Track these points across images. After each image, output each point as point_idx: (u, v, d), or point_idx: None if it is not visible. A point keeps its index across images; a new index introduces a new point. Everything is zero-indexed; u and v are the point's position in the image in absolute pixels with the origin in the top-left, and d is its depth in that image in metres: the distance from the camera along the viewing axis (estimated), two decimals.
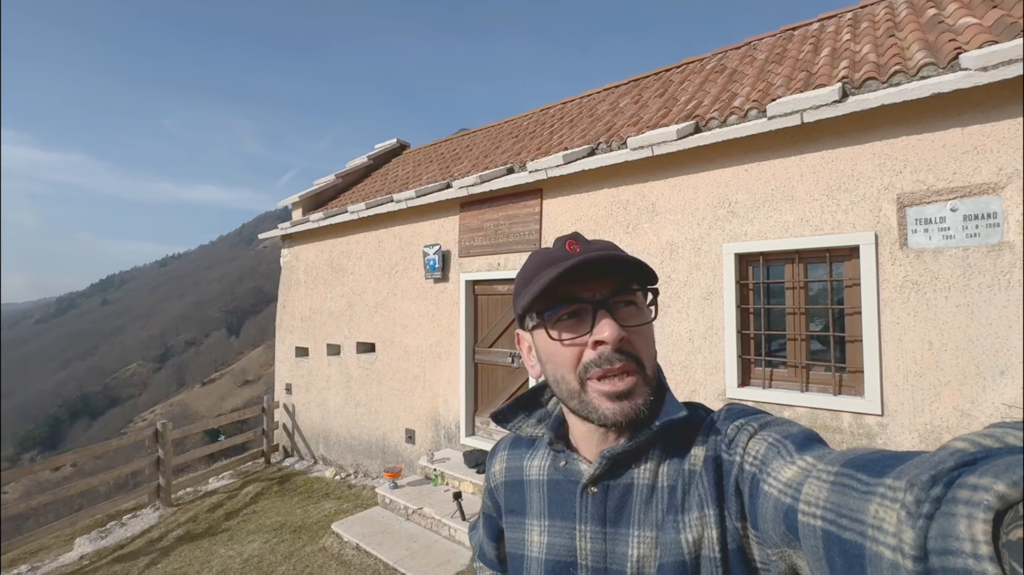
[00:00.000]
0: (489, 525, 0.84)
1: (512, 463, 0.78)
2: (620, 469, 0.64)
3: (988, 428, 0.36)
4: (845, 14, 5.11)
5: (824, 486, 0.43)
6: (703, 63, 5.86)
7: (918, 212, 3.13)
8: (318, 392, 7.47)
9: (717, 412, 0.65)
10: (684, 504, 0.59)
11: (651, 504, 0.62)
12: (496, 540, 0.83)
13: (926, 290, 3.09)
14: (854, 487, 0.40)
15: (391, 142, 9.80)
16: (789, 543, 0.47)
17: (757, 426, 0.58)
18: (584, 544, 0.64)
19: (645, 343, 0.62)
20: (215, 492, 6.51)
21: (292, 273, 8.14)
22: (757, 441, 0.56)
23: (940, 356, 3.03)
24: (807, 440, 0.53)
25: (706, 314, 3.90)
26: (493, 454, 0.84)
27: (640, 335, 0.62)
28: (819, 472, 0.45)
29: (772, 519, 0.49)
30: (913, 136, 3.14)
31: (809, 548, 0.43)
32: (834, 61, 3.96)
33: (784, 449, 0.52)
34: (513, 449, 0.80)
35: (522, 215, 5.14)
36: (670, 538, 0.59)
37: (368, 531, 4.61)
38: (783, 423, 0.58)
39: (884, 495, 0.37)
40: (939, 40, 3.36)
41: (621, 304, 0.62)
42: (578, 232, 0.68)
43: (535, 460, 0.75)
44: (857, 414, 3.29)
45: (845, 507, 0.40)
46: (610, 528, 0.63)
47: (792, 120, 3.39)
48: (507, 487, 0.78)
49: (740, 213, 3.79)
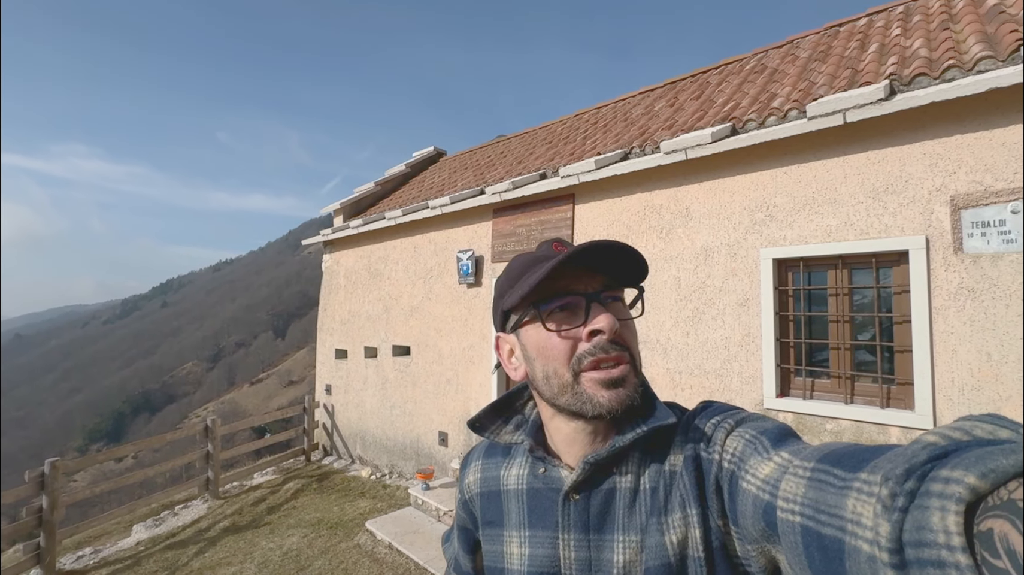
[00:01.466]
0: (464, 537, 0.81)
1: (488, 473, 0.76)
2: (601, 474, 0.63)
3: (957, 422, 0.37)
4: (896, 7, 4.86)
5: (801, 482, 0.44)
6: (742, 63, 5.71)
7: (974, 215, 2.94)
8: (356, 393, 7.70)
9: (693, 410, 0.65)
10: (667, 505, 0.59)
11: (634, 508, 0.61)
12: (472, 553, 0.80)
13: (983, 298, 2.89)
14: (831, 483, 0.41)
15: (428, 150, 10.02)
16: (768, 539, 0.48)
17: (733, 423, 0.58)
18: (568, 553, 0.62)
19: (634, 338, 0.64)
20: (259, 487, 6.80)
21: (333, 278, 8.44)
22: (734, 438, 0.56)
23: (1000, 369, 2.83)
24: (782, 435, 0.53)
25: (742, 321, 3.78)
26: (466, 463, 0.81)
27: (628, 329, 0.64)
28: (796, 468, 0.46)
29: (751, 516, 0.49)
30: (968, 134, 2.96)
31: (788, 544, 0.44)
32: (882, 57, 3.78)
33: (760, 445, 0.52)
34: (488, 458, 0.77)
35: (554, 220, 5.15)
36: (655, 540, 0.58)
37: (400, 530, 4.70)
38: (758, 419, 0.58)
39: (860, 490, 0.37)
40: (999, 31, 3.16)
41: (610, 299, 0.63)
42: (561, 237, 0.70)
43: (512, 469, 0.72)
44: (906, 429, 3.10)
45: (823, 503, 0.40)
46: (594, 535, 0.62)
47: (834, 120, 3.26)
48: (483, 498, 0.75)
49: (779, 217, 3.66)
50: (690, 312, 4.05)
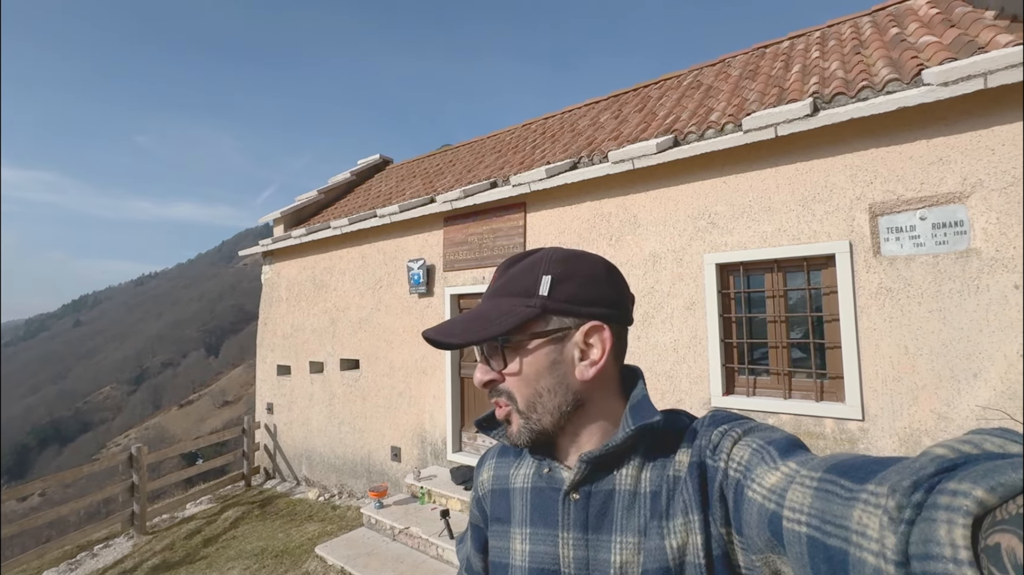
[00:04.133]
0: (476, 536, 0.83)
1: (499, 471, 0.78)
2: (602, 475, 0.64)
3: (967, 434, 0.37)
4: (813, 33, 5.31)
5: (808, 492, 0.44)
6: (680, 79, 6.02)
7: (889, 221, 3.23)
8: (300, 411, 7.31)
9: (701, 418, 0.66)
10: (668, 510, 0.60)
11: (633, 510, 0.62)
12: (483, 552, 0.81)
13: (900, 296, 3.17)
14: (837, 493, 0.41)
15: (374, 158, 9.79)
16: (773, 549, 0.48)
17: (741, 432, 0.59)
18: (567, 552, 0.64)
19: (521, 383, 0.67)
20: (193, 518, 6.29)
21: (273, 290, 8.02)
22: (741, 447, 0.56)
23: (916, 361, 3.11)
24: (790, 446, 0.53)
25: (689, 324, 3.95)
26: (481, 463, 0.84)
27: (514, 377, 0.67)
28: (802, 478, 0.46)
29: (756, 525, 0.49)
30: (882, 148, 3.26)
31: (793, 554, 0.44)
32: (804, 77, 4.11)
33: (768, 455, 0.52)
34: (501, 457, 0.80)
35: (506, 229, 5.16)
36: (654, 544, 0.59)
37: (353, 553, 4.49)
38: (767, 429, 0.59)
39: (867, 501, 0.37)
40: (902, 57, 3.51)
41: (488, 356, 0.70)
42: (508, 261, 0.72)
43: (521, 468, 0.75)
44: (839, 419, 3.34)
45: (829, 513, 0.40)
46: (592, 535, 0.63)
47: (767, 134, 3.50)
48: (493, 495, 0.78)
49: (720, 224, 3.86)
50: (640, 316, 4.17)
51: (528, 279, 0.66)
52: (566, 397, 0.65)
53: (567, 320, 0.65)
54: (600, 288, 0.66)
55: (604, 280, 0.66)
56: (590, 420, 0.67)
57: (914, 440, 3.10)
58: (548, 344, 0.65)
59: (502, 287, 0.68)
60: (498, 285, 0.68)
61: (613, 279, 0.68)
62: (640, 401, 0.65)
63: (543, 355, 0.65)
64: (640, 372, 0.71)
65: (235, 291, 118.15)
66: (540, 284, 0.65)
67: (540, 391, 0.65)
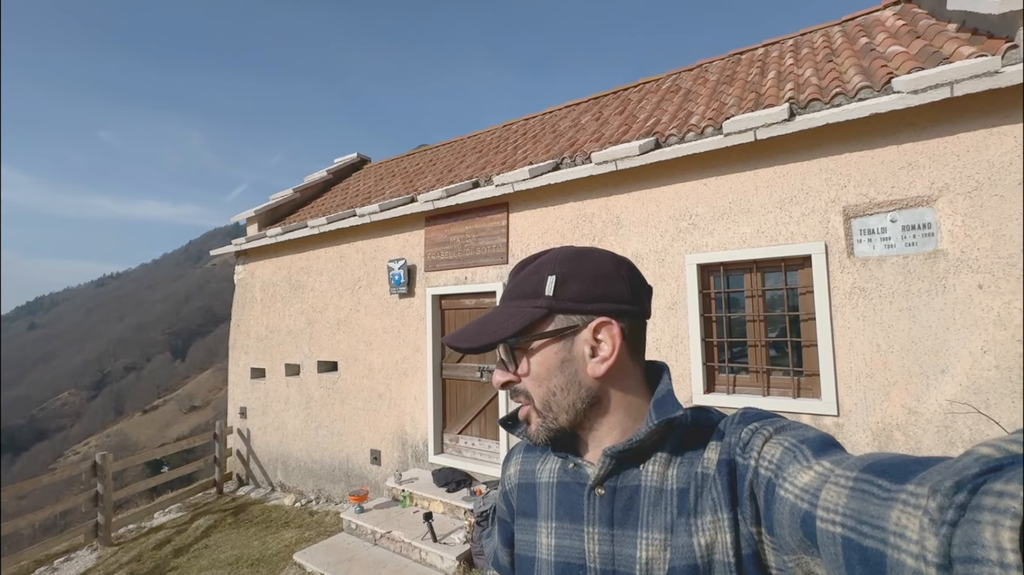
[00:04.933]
0: (503, 530, 0.83)
1: (526, 466, 0.80)
2: (627, 471, 0.65)
3: (1014, 433, 0.35)
4: (787, 40, 5.48)
5: (843, 492, 0.43)
6: (659, 83, 6.11)
7: (862, 223, 3.35)
8: (276, 415, 7.12)
9: (731, 415, 0.66)
10: (697, 507, 0.59)
11: (659, 506, 0.62)
12: (509, 546, 0.82)
13: (872, 296, 3.29)
14: (875, 494, 0.40)
15: (351, 156, 9.64)
16: (807, 550, 0.47)
17: (772, 430, 0.58)
18: (592, 546, 0.65)
19: (536, 382, 0.68)
20: (162, 527, 6.05)
21: (247, 291, 7.80)
22: (772, 445, 0.56)
23: (887, 358, 3.23)
24: (824, 444, 0.53)
25: (671, 323, 4.01)
26: (509, 457, 0.85)
27: (529, 378, 0.68)
28: (837, 477, 0.45)
29: (788, 525, 0.48)
30: (855, 153, 3.38)
31: (828, 555, 0.43)
32: (780, 83, 4.22)
33: (800, 454, 0.52)
34: (528, 452, 0.81)
35: (489, 229, 5.14)
36: (682, 541, 0.58)
37: (333, 559, 4.39)
38: (799, 427, 0.58)
39: (906, 502, 0.36)
40: (872, 65, 3.65)
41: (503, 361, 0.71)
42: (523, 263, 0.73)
43: (547, 463, 0.76)
44: (816, 415, 3.44)
45: (866, 514, 0.40)
46: (617, 530, 0.63)
47: (746, 137, 3.58)
48: (520, 489, 0.79)
49: (701, 225, 3.93)
50: None
51: (534, 280, 0.67)
52: (580, 394, 0.65)
53: (574, 318, 0.65)
54: (608, 284, 0.66)
55: (612, 275, 0.66)
56: (610, 416, 0.67)
57: (886, 434, 3.22)
58: (557, 343, 0.66)
59: (512, 290, 0.70)
60: (508, 289, 0.71)
61: (623, 273, 0.67)
62: (664, 396, 0.65)
63: (553, 354, 0.66)
64: (665, 367, 0.71)
65: (203, 292, 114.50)
66: (546, 284, 0.66)
67: (553, 390, 0.66)
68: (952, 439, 3.02)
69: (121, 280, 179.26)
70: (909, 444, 3.14)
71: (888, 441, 3.20)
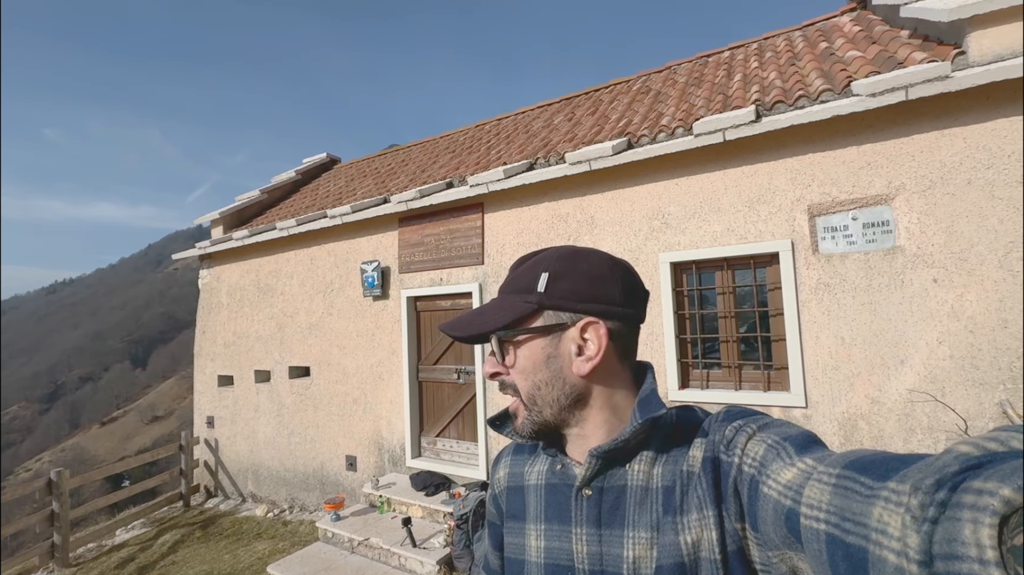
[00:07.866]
0: (493, 534, 0.83)
1: (515, 469, 0.80)
2: (614, 471, 0.65)
3: (992, 432, 0.36)
4: (751, 44, 5.64)
5: (826, 489, 0.43)
6: (630, 84, 6.20)
7: (825, 221, 3.48)
8: (245, 423, 6.90)
9: (715, 414, 0.66)
10: (682, 505, 0.60)
11: (645, 505, 0.62)
12: (499, 549, 0.81)
13: (836, 291, 3.42)
14: (857, 491, 0.40)
15: (320, 156, 9.43)
16: (790, 546, 0.47)
17: (756, 427, 0.59)
18: (580, 547, 0.65)
19: (522, 374, 0.69)
20: (125, 544, 5.78)
21: (213, 296, 7.53)
22: (755, 443, 0.56)
23: (851, 350, 3.36)
24: (806, 442, 0.53)
25: (646, 321, 4.06)
26: (497, 460, 0.85)
27: (515, 369, 0.69)
28: (820, 474, 0.45)
29: (772, 521, 0.49)
30: (819, 153, 3.51)
31: (812, 551, 0.43)
32: (746, 85, 4.34)
33: (783, 451, 0.52)
34: (516, 455, 0.81)
35: (464, 229, 5.11)
36: (668, 539, 0.59)
37: (309, 570, 4.28)
38: (782, 425, 0.59)
39: (888, 499, 0.37)
40: (832, 69, 3.79)
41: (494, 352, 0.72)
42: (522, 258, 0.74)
43: (535, 466, 0.76)
44: (785, 407, 3.56)
45: (848, 510, 0.40)
46: (604, 530, 0.64)
47: (715, 138, 3.67)
48: (509, 492, 0.79)
49: (673, 224, 4.01)
50: None
51: (529, 276, 0.68)
52: (564, 390, 0.66)
53: (563, 316, 0.66)
54: (601, 285, 0.66)
55: (606, 277, 0.67)
56: (596, 415, 0.67)
57: (851, 425, 3.35)
58: (544, 338, 0.67)
59: (508, 284, 0.71)
60: (506, 282, 0.72)
61: (617, 276, 0.68)
62: (648, 395, 0.65)
63: (539, 349, 0.67)
64: (650, 366, 0.71)
65: (164, 298, 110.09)
66: (539, 281, 0.67)
67: (538, 384, 0.67)
68: (912, 427, 3.17)
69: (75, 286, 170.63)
70: (872, 433, 3.28)
71: (853, 431, 3.34)
